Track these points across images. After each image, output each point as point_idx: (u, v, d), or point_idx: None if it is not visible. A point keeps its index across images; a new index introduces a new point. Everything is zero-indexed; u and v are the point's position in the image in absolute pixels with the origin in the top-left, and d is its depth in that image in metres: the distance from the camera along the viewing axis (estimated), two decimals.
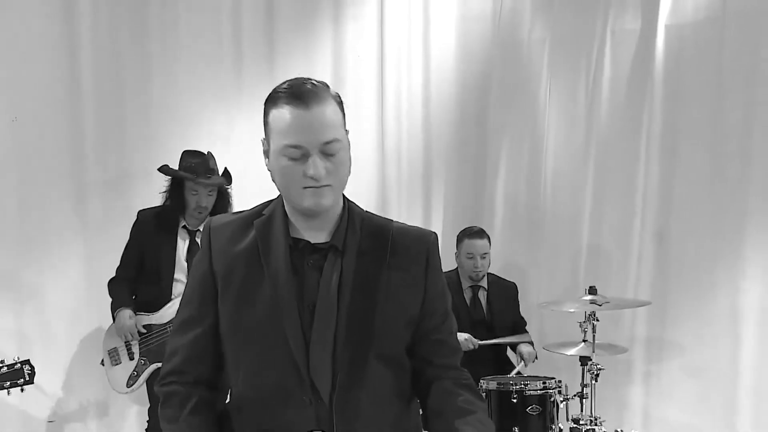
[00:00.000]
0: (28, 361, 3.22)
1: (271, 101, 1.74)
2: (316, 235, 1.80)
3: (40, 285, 4.57)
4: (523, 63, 5.43)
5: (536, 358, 4.43)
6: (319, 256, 1.79)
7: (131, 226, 4.14)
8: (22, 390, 3.21)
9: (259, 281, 1.77)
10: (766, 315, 4.51)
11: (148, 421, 4.09)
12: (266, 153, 1.78)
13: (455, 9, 5.59)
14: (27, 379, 3.20)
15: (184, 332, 1.83)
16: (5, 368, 3.15)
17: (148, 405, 4.13)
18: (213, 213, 4.01)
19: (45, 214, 4.60)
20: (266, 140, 1.77)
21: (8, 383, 3.15)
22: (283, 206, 1.81)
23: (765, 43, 4.47)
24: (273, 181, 1.79)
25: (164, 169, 4.09)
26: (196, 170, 3.98)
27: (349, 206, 1.85)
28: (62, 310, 4.58)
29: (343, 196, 1.84)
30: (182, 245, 4.07)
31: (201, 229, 3.95)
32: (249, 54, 5.29)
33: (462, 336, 4.21)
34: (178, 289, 3.98)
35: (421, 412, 1.93)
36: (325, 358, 1.74)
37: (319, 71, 5.30)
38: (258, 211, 1.85)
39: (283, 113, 1.70)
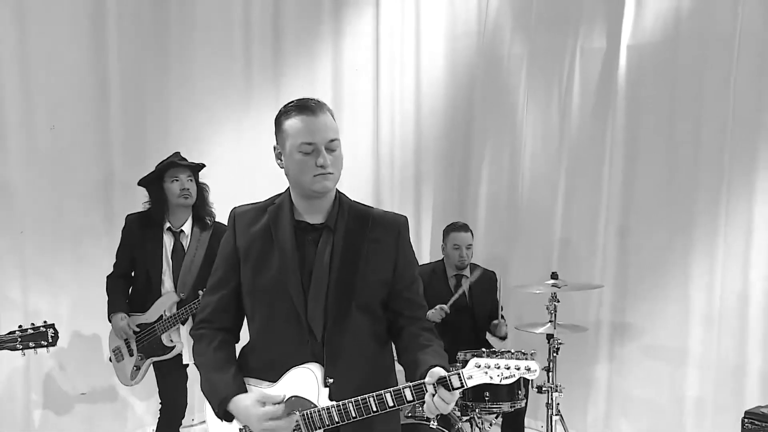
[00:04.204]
0: (53, 326, 3.30)
1: (284, 115, 2.24)
2: (314, 217, 2.29)
3: (70, 277, 4.90)
4: (503, 76, 5.80)
5: (506, 335, 4.76)
6: (316, 234, 2.28)
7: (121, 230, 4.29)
8: (47, 350, 3.29)
9: (270, 253, 2.25)
10: (711, 302, 4.79)
11: (160, 402, 4.34)
12: (279, 156, 2.28)
13: (444, 27, 5.99)
14: (50, 341, 3.27)
15: (213, 292, 2.36)
16: (31, 330, 3.26)
17: (157, 389, 4.36)
18: (194, 204, 4.17)
19: (76, 215, 4.93)
20: (279, 146, 2.28)
21: (33, 344, 3.25)
22: (290, 197, 2.32)
23: (712, 62, 4.74)
24: (286, 176, 2.28)
25: (143, 180, 4.20)
26: (171, 160, 4.16)
27: (340, 196, 2.36)
28: (87, 299, 4.82)
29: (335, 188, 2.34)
30: (168, 245, 4.19)
31: (184, 230, 4.19)
32: (257, 66, 5.62)
33: (433, 310, 4.52)
34: (166, 286, 4.17)
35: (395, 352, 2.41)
36: (319, 309, 2.22)
37: (320, 83, 5.71)
38: (271, 201, 2.37)
39: (296, 121, 2.21)
